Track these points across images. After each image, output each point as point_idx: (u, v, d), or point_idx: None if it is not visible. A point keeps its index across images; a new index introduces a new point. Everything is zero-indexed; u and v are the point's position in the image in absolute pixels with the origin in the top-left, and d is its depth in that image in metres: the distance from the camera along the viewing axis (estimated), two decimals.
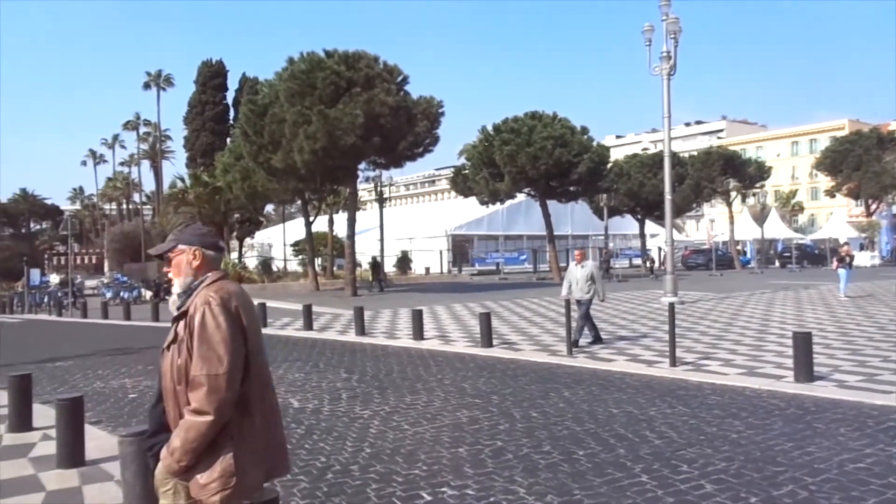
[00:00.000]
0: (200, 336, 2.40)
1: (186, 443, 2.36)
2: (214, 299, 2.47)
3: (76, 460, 5.63)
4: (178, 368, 2.46)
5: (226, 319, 2.43)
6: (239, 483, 2.43)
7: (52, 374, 11.14)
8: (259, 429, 2.53)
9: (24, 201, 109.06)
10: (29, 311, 31.55)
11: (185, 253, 2.64)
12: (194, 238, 2.68)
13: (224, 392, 2.36)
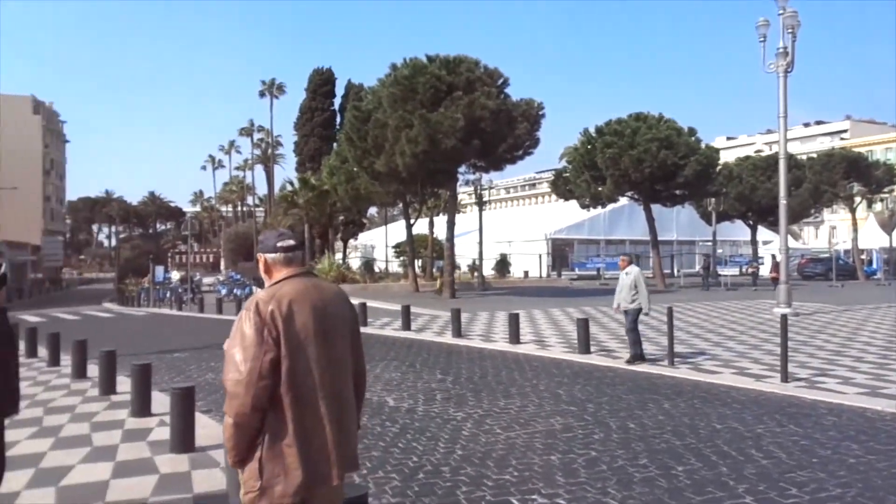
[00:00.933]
0: (231, 340, 2.51)
1: (226, 441, 2.50)
2: (252, 305, 2.53)
3: (187, 446, 5.99)
4: None
5: (251, 327, 2.46)
6: (262, 488, 2.45)
7: (171, 365, 11.92)
8: (295, 435, 2.48)
9: (152, 203, 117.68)
10: (153, 304, 33.91)
11: (260, 261, 2.78)
12: (261, 246, 2.82)
13: (241, 397, 2.40)
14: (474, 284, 33.33)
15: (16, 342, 4.31)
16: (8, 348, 4.04)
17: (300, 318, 2.53)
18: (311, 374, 2.53)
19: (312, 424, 2.52)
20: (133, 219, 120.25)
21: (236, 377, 2.42)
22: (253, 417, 2.43)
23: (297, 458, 2.47)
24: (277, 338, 2.46)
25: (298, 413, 2.49)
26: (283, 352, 2.47)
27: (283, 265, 2.71)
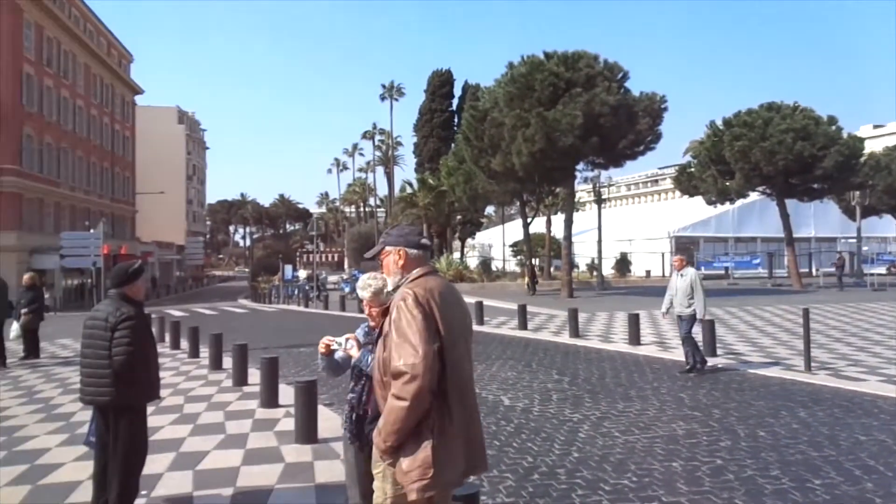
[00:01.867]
0: (397, 329, 2.53)
1: (387, 425, 2.51)
2: (410, 294, 2.59)
3: (310, 437, 6.25)
4: (383, 360, 2.62)
5: (419, 313, 2.54)
6: (436, 475, 2.51)
7: (297, 359, 12.51)
8: (458, 424, 2.58)
9: (282, 205, 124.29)
10: (283, 301, 35.79)
11: (392, 254, 2.83)
12: (399, 239, 2.85)
13: (420, 380, 2.44)
14: (593, 284, 32.62)
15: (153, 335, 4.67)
16: (149, 341, 4.39)
17: (452, 313, 2.65)
18: (465, 367, 2.68)
19: (470, 414, 2.64)
20: (265, 220, 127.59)
21: (413, 360, 2.45)
22: (426, 400, 2.48)
23: (462, 447, 2.58)
24: (437, 329, 2.57)
25: (460, 403, 2.59)
26: (443, 343, 2.57)
27: (420, 261, 2.81)
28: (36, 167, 38.36)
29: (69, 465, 5.75)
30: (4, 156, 35.20)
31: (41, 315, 13.22)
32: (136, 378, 4.19)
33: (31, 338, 13.03)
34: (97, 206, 48.14)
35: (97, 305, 4.42)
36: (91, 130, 48.12)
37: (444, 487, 2.57)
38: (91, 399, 4.23)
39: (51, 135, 40.59)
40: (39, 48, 39.22)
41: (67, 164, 43.31)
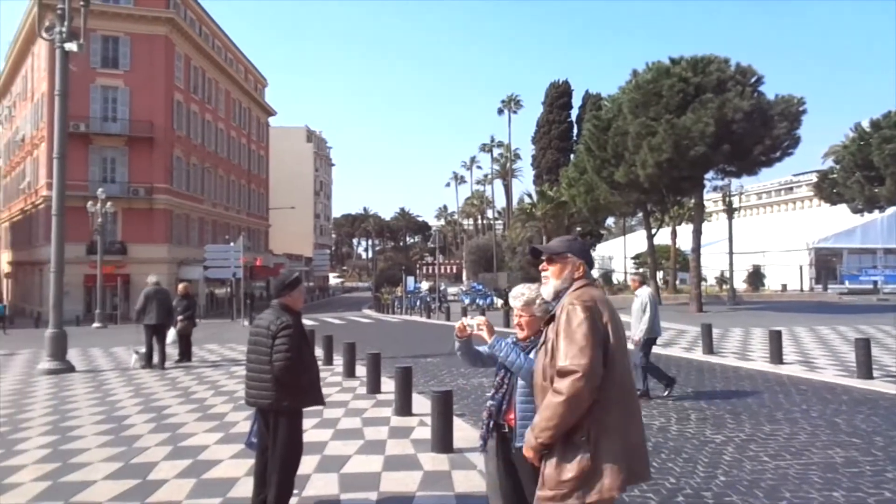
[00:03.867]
0: (566, 332, 2.57)
1: (542, 420, 2.54)
2: (578, 302, 2.64)
3: (446, 447, 6.35)
4: (546, 367, 2.66)
5: (588, 318, 2.57)
6: (596, 483, 2.51)
7: (425, 368, 12.77)
8: (617, 431, 2.57)
9: (403, 218, 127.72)
10: (405, 312, 36.67)
11: (572, 263, 2.85)
12: (584, 253, 2.89)
13: (583, 380, 2.47)
14: (723, 298, 31.03)
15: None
16: (307, 348, 4.66)
17: (616, 322, 2.68)
18: (629, 375, 2.71)
19: (632, 422, 2.63)
20: (386, 233, 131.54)
21: (581, 360, 2.50)
22: (585, 401, 2.50)
23: (622, 453, 2.56)
24: (606, 336, 2.61)
25: (621, 409, 2.60)
26: (609, 349, 2.60)
27: (589, 277, 2.87)
28: (183, 185, 41.72)
29: (227, 462, 6.17)
30: (158, 176, 38.58)
31: (194, 321, 14.34)
32: (295, 383, 4.45)
33: (185, 342, 14.15)
34: (235, 220, 51.61)
35: (261, 314, 4.74)
36: (230, 151, 51.76)
37: (604, 494, 2.54)
38: (254, 401, 4.53)
39: (196, 155, 44.03)
40: (188, 77, 42.74)
41: (210, 182, 46.78)
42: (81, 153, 35.74)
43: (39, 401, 9.81)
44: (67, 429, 7.79)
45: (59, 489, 5.48)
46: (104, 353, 16.74)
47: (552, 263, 2.88)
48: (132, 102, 38.57)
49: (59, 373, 12.73)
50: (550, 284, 2.88)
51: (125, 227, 37.81)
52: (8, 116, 52.68)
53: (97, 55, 37.33)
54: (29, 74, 43.78)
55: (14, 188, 48.75)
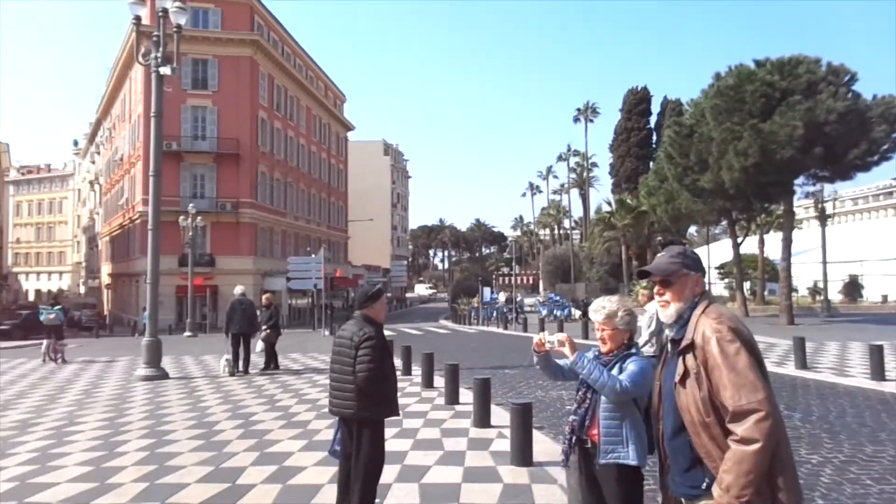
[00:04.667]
0: (725, 364, 2.30)
1: (741, 476, 2.20)
2: (723, 325, 2.39)
3: (526, 460, 6.29)
4: (703, 400, 2.36)
5: (743, 344, 2.34)
6: None
7: (503, 380, 12.71)
8: (790, 461, 2.34)
9: (479, 229, 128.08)
10: (482, 323, 36.64)
11: (691, 280, 2.61)
12: (697, 264, 2.65)
13: (769, 419, 2.21)
14: (816, 310, 29.52)
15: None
16: (388, 360, 4.73)
17: (755, 343, 2.44)
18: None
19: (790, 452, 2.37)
20: (462, 243, 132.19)
21: (759, 396, 2.23)
22: (776, 438, 2.24)
23: (795, 485, 2.31)
24: (761, 358, 2.39)
25: (786, 441, 2.34)
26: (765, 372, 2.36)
27: (705, 290, 2.66)
28: (267, 200, 43.26)
29: (311, 469, 6.32)
30: (244, 191, 40.19)
31: (278, 330, 14.84)
32: (378, 394, 4.52)
33: (270, 351, 14.65)
34: (316, 232, 53.07)
35: (344, 326, 4.84)
36: (311, 165, 53.34)
37: None
38: (338, 411, 4.63)
39: (279, 170, 45.60)
40: (271, 95, 44.40)
41: (292, 195, 48.31)
42: (174, 170, 37.65)
43: (137, 406, 10.35)
44: (162, 433, 8.18)
45: (156, 490, 5.76)
46: (195, 360, 17.50)
47: (669, 287, 2.61)
48: (220, 121, 40.40)
49: (155, 379, 13.39)
50: (672, 308, 2.59)
51: (214, 240, 39.52)
52: (108, 137, 56.20)
53: (188, 77, 39.33)
54: (127, 98, 46.56)
55: (114, 204, 51.83)
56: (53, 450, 7.41)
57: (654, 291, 2.67)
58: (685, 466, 2.47)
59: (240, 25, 41.47)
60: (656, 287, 2.66)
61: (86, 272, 77.36)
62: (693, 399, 2.39)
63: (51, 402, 10.87)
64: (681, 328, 2.53)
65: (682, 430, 2.46)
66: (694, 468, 2.43)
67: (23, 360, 18.50)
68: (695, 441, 2.40)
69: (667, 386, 2.56)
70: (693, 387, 2.39)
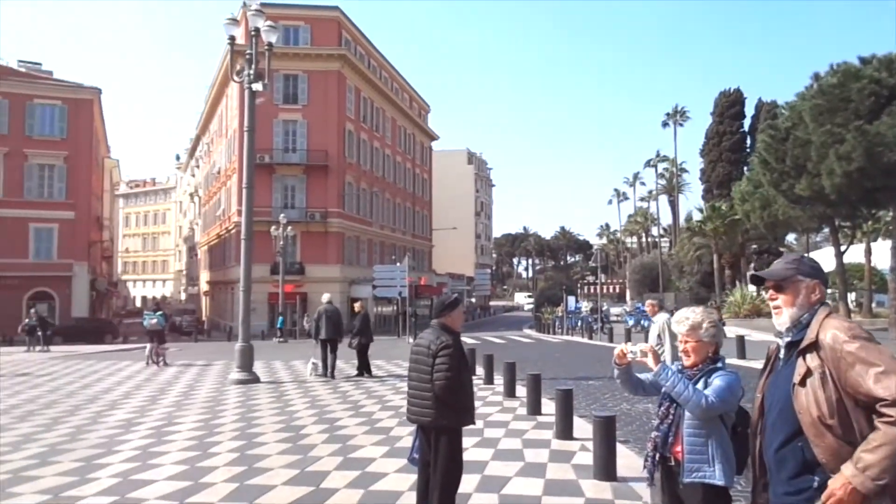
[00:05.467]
0: (870, 357, 2.26)
1: (884, 458, 2.15)
2: (853, 327, 2.37)
3: (609, 474, 6.14)
4: (827, 400, 2.32)
5: (870, 340, 2.32)
6: None
7: (586, 391, 12.47)
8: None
9: (563, 238, 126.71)
10: (566, 332, 36.12)
11: (805, 286, 2.57)
12: (815, 271, 2.61)
13: None
14: None
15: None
16: (465, 368, 4.73)
17: None
18: None
19: None
20: (546, 252, 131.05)
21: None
22: None
23: None
24: None
25: None
26: None
27: (825, 299, 2.63)
28: (354, 209, 44.35)
29: (393, 476, 6.40)
30: (332, 201, 41.37)
31: (370, 337, 15.18)
32: (455, 402, 4.53)
33: (362, 357, 15.01)
34: (401, 241, 53.93)
35: (421, 334, 4.90)
36: (396, 175, 54.32)
37: None
38: (416, 418, 4.67)
39: (365, 181, 46.68)
40: (358, 108, 45.58)
41: (378, 205, 49.33)
42: (266, 182, 39.22)
43: (230, 408, 10.80)
44: (252, 435, 8.50)
45: (245, 491, 5.98)
46: (284, 365, 18.11)
47: (781, 292, 2.59)
48: (309, 134, 41.80)
49: (247, 383, 13.94)
50: (785, 314, 2.57)
51: (303, 248, 40.82)
52: (207, 152, 59.25)
53: (279, 93, 40.92)
54: (223, 114, 48.93)
55: (212, 215, 54.51)
56: (153, 448, 7.83)
57: (768, 297, 2.65)
58: (792, 473, 2.41)
59: (328, 41, 42.82)
60: (769, 292, 2.65)
61: (186, 280, 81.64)
62: (815, 399, 2.34)
63: (152, 403, 11.51)
64: (798, 332, 2.50)
65: (793, 437, 2.41)
66: (802, 474, 2.38)
67: (129, 363, 19.68)
68: (814, 442, 2.35)
69: (774, 396, 2.51)
70: (815, 386, 2.35)
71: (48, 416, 10.25)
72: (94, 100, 42.69)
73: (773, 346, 2.69)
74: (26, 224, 38.79)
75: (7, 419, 10.06)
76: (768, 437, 2.51)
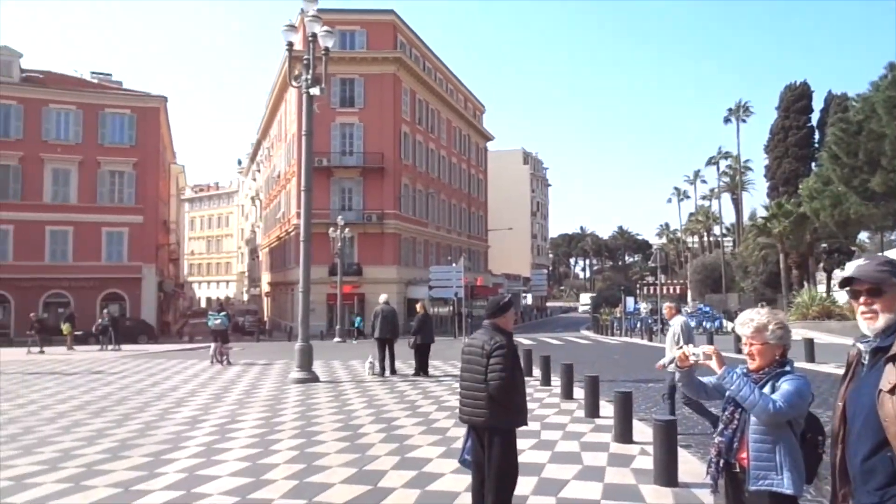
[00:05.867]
0: None
1: None
2: None
3: (670, 480, 5.98)
4: None
5: None
6: None
7: (646, 394, 12.21)
8: None
9: (621, 237, 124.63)
10: (625, 334, 35.51)
11: None
12: None
13: None
14: None
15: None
16: (518, 369, 4.69)
17: None
18: None
19: None
20: (604, 252, 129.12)
21: None
22: None
23: None
24: None
25: None
26: None
27: None
28: (410, 211, 44.67)
29: (449, 476, 6.40)
30: (388, 202, 41.77)
31: (431, 337, 15.30)
32: (509, 402, 4.50)
33: (421, 358, 15.15)
34: (457, 242, 54.02)
35: (473, 334, 4.88)
36: (451, 176, 54.45)
37: None
38: (468, 419, 4.65)
39: (420, 182, 46.95)
40: (413, 110, 45.89)
41: (433, 206, 49.54)
42: (324, 185, 39.90)
43: (290, 407, 11.02)
44: (311, 433, 8.64)
45: (304, 489, 6.08)
46: (343, 365, 18.37)
47: (879, 296, 2.46)
48: (366, 137, 42.31)
49: (306, 382, 14.20)
50: (881, 319, 2.44)
51: (360, 250, 41.34)
52: (267, 156, 60.72)
53: (336, 96, 41.57)
54: (283, 119, 50.03)
55: (272, 218, 55.81)
56: (217, 445, 8.05)
57: (860, 301, 2.48)
58: (881, 483, 2.30)
59: (384, 44, 43.26)
60: (862, 297, 2.49)
61: (248, 281, 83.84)
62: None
63: (216, 401, 11.84)
64: (886, 337, 2.38)
65: (881, 447, 2.28)
66: (892, 484, 2.27)
67: (194, 362, 20.32)
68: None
69: (857, 404, 2.39)
70: None
71: (119, 413, 10.67)
72: (160, 108, 44.27)
73: (854, 351, 2.55)
74: (99, 228, 40.53)
75: (82, 415, 10.52)
76: (853, 446, 2.39)
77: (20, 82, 40.58)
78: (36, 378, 16.20)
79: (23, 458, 7.46)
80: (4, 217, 38.49)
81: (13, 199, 38.95)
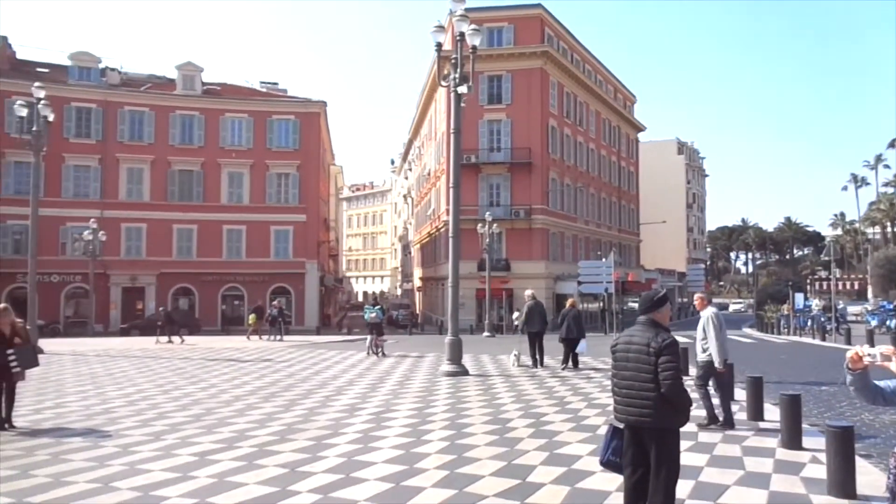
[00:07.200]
0: None
1: None
2: None
3: (847, 491, 5.49)
4: None
5: None
6: None
7: (818, 398, 11.26)
8: None
9: (788, 229, 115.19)
10: (793, 332, 32.85)
11: None
12: None
13: None
14: None
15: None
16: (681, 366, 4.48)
17: None
18: None
19: None
20: (769, 245, 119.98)
21: None
22: None
23: None
24: None
25: None
26: None
27: None
28: (558, 205, 44.16)
29: (599, 475, 6.27)
30: (536, 197, 41.59)
31: (580, 333, 15.34)
32: (682, 402, 4.31)
33: (567, 351, 15.25)
34: (606, 236, 52.67)
35: (628, 331, 4.71)
36: (601, 169, 53.12)
37: None
38: (634, 420, 4.41)
39: (569, 176, 46.25)
40: (561, 103, 45.29)
41: (582, 200, 48.63)
42: (472, 181, 40.46)
43: (441, 398, 11.33)
44: (461, 425, 8.84)
45: (455, 479, 6.24)
46: (491, 359, 18.57)
47: None
48: (513, 132, 42.36)
49: (456, 375, 14.51)
50: None
51: (508, 245, 41.49)
52: (418, 155, 62.66)
53: (484, 94, 41.96)
54: (433, 118, 51.34)
55: (423, 215, 57.52)
56: (373, 432, 8.47)
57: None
58: None
59: (531, 39, 43.02)
60: None
61: (401, 276, 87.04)
62: None
63: (372, 391, 12.44)
64: None
65: None
66: None
67: (352, 352, 21.46)
68: None
69: None
70: None
71: (286, 398, 11.53)
72: (320, 112, 47.13)
73: None
74: (268, 227, 44.14)
75: (255, 399, 11.49)
76: None
77: (202, 94, 45.04)
78: (215, 364, 17.89)
79: (205, 437, 8.28)
80: (190, 218, 43.16)
81: (196, 201, 43.53)
